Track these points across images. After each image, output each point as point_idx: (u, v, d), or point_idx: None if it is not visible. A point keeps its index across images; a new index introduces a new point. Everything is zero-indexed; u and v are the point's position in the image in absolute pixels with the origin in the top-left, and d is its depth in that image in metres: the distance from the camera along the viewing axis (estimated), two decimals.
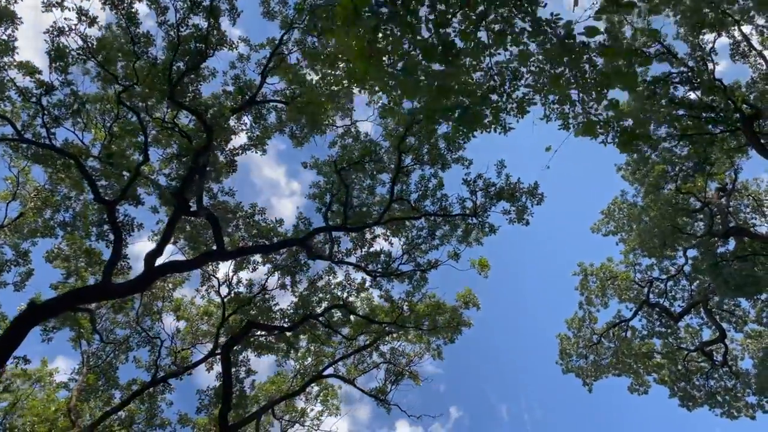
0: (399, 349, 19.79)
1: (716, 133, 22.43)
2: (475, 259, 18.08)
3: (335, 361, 19.65)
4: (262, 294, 17.22)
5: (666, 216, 19.52)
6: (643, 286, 24.11)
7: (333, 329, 17.65)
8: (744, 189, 26.61)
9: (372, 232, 17.29)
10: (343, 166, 15.56)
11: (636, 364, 23.26)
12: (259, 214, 16.39)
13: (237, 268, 17.29)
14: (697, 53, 21.07)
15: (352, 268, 17.51)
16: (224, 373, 14.70)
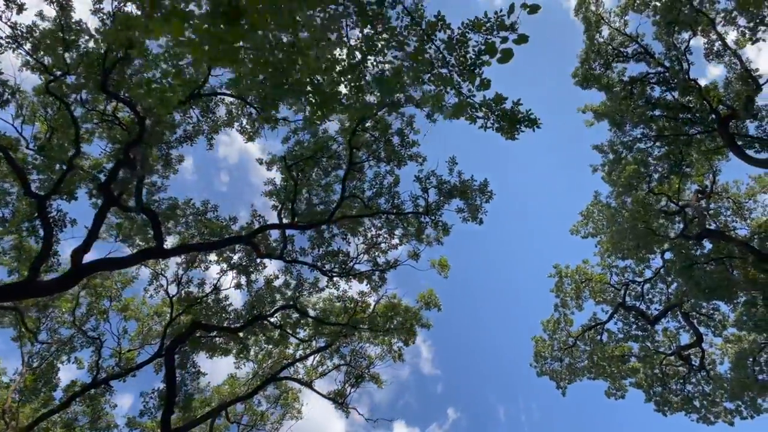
0: (360, 351, 19.37)
1: (692, 134, 22.13)
2: (435, 259, 17.80)
3: (290, 363, 19.19)
4: (215, 293, 16.81)
5: (638, 218, 19.16)
6: (619, 289, 23.76)
7: (285, 330, 17.22)
8: (724, 191, 26.30)
9: (330, 231, 16.91)
10: (294, 162, 15.16)
11: (610, 368, 22.90)
12: (211, 211, 15.99)
13: (188, 267, 16.89)
14: (672, 53, 20.77)
15: (308, 267, 17.12)
16: (167, 374, 14.27)
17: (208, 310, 16.57)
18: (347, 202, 15.86)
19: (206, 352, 17.06)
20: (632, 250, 20.78)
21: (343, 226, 16.32)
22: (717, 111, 20.72)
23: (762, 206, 25.55)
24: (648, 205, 20.05)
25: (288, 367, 19.01)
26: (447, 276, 17.64)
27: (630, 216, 19.19)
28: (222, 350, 17.10)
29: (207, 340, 16.74)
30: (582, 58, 22.97)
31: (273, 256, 15.96)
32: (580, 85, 22.98)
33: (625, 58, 23.56)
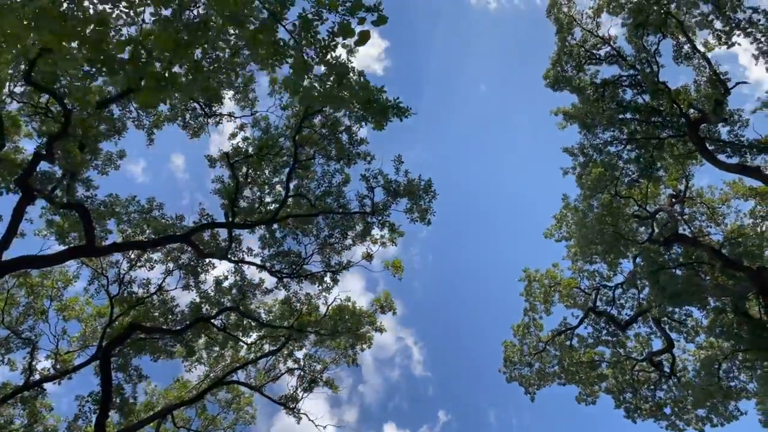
0: (314, 356, 18.98)
1: (663, 138, 21.90)
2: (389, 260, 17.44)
3: (239, 367, 18.72)
4: (159, 294, 16.36)
5: (604, 222, 18.89)
6: (590, 293, 23.49)
7: (228, 333, 16.79)
8: (699, 196, 26.10)
9: (282, 231, 16.54)
10: (238, 159, 14.79)
11: (579, 374, 22.59)
12: (157, 209, 15.57)
13: (130, 266, 16.44)
14: (642, 55, 20.55)
15: (256, 268, 16.74)
16: (102, 377, 13.82)
17: (153, 311, 16.13)
18: (294, 201, 15.50)
19: (151, 355, 16.60)
20: (601, 254, 20.51)
21: (289, 225, 15.97)
22: (687, 115, 20.50)
23: (735, 212, 25.40)
24: (615, 209, 19.80)
25: (236, 370, 18.57)
26: (401, 278, 17.37)
27: (596, 220, 18.91)
28: (167, 353, 16.65)
29: (151, 342, 16.31)
30: (553, 60, 22.73)
31: (215, 255, 15.57)
32: (551, 87, 22.74)
33: (597, 61, 23.34)
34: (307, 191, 15.65)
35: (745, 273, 19.55)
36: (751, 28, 21.64)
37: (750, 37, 22.02)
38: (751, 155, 21.61)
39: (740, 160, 21.15)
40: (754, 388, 19.84)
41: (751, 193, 24.36)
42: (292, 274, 16.60)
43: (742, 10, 20.82)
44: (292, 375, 18.79)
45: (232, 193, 14.48)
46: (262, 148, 14.58)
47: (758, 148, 21.32)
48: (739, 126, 21.66)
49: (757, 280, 19.02)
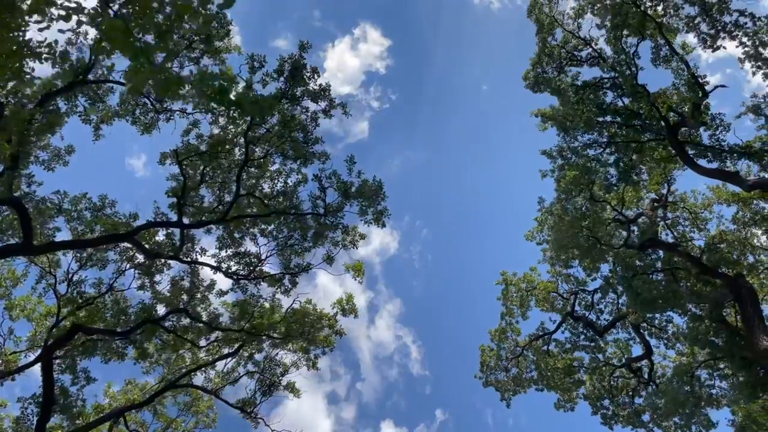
0: (275, 359, 18.61)
1: (643, 142, 21.59)
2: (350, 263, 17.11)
3: (194, 370, 18.35)
4: (111, 294, 16.00)
5: (576, 225, 18.57)
6: (567, 298, 23.18)
7: (177, 335, 16.45)
8: (682, 201, 25.78)
9: (241, 231, 16.19)
10: (187, 156, 14.44)
11: (554, 379, 22.28)
12: (109, 207, 15.20)
13: (81, 265, 16.08)
14: (621, 57, 20.22)
15: (211, 269, 16.36)
16: (44, 379, 13.50)
17: (105, 311, 15.77)
18: (245, 200, 15.16)
19: (102, 357, 16.24)
20: (578, 258, 20.21)
21: (245, 225, 15.63)
22: (666, 118, 20.18)
23: (717, 217, 25.08)
24: (592, 213, 19.48)
25: (190, 373, 18.20)
26: (362, 282, 17.06)
27: (569, 224, 18.60)
28: (118, 355, 16.29)
29: (104, 344, 15.95)
30: (533, 61, 22.43)
31: (164, 255, 15.24)
32: (530, 89, 22.44)
33: (579, 62, 23.02)
34: (260, 191, 15.31)
35: (722, 280, 19.26)
36: (737, 31, 21.35)
37: (736, 41, 21.73)
38: (731, 160, 21.31)
39: (720, 165, 20.84)
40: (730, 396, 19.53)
41: (734, 199, 24.05)
42: (248, 276, 16.27)
43: (728, 13, 20.53)
44: (251, 378, 18.49)
45: (178, 192, 14.12)
46: (214, 145, 14.26)
47: (739, 153, 21.02)
48: (721, 130, 21.34)
49: (733, 288, 18.72)
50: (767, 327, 17.71)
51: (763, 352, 16.52)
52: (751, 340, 17.26)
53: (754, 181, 19.48)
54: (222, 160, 14.67)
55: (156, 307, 15.79)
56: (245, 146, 14.03)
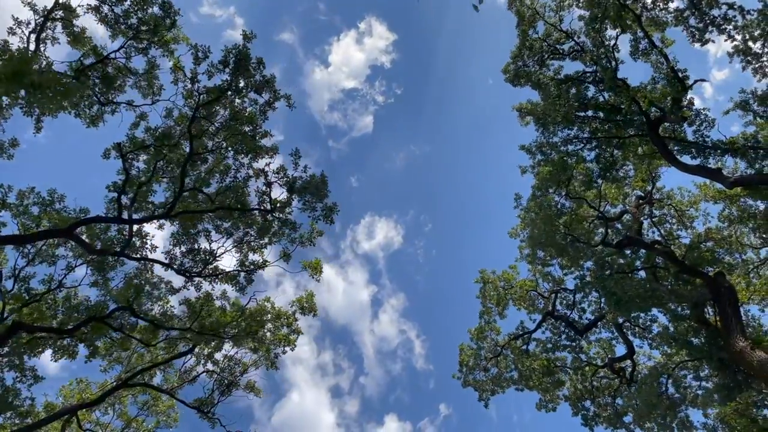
0: (235, 358, 18.29)
1: (624, 137, 21.09)
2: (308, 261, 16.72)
3: (146, 369, 18.00)
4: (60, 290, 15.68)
5: (551, 223, 18.12)
6: (547, 297, 22.75)
7: (125, 333, 16.11)
8: (668, 198, 25.26)
9: (195, 227, 15.85)
10: (132, 150, 14.06)
11: (533, 380, 21.86)
12: (59, 201, 14.86)
13: (29, 261, 15.74)
14: (601, 50, 19.72)
15: (162, 266, 16.00)
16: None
17: (55, 308, 15.45)
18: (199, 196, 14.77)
19: (53, 354, 15.95)
20: (555, 256, 19.77)
21: (185, 221, 15.27)
22: (647, 113, 19.68)
23: (704, 214, 24.55)
24: (568, 211, 19.02)
25: (143, 372, 17.85)
26: (319, 280, 16.63)
27: (544, 221, 18.16)
28: (68, 353, 16.00)
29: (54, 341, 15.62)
30: (514, 54, 21.94)
31: (108, 252, 14.87)
32: (510, 82, 21.97)
33: (561, 56, 22.50)
34: (207, 185, 14.91)
35: (702, 279, 18.80)
36: (726, 25, 20.80)
37: (724, 34, 21.18)
38: (715, 157, 20.80)
39: (702, 162, 20.34)
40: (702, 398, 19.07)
41: (721, 196, 23.52)
42: (200, 273, 15.90)
43: (717, 6, 20.01)
44: (211, 377, 18.17)
45: (119, 187, 13.76)
46: (158, 139, 13.87)
47: (722, 150, 20.51)
48: (706, 126, 20.83)
49: (713, 287, 18.26)
50: (744, 327, 17.27)
51: (739, 354, 16.08)
52: (727, 340, 16.82)
53: (735, 178, 18.98)
54: (171, 155, 14.33)
55: (108, 305, 15.51)
56: (189, 140, 13.64)
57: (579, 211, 19.79)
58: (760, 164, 20.75)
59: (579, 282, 20.43)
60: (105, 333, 15.61)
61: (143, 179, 14.34)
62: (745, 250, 24.81)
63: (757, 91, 21.26)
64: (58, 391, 19.00)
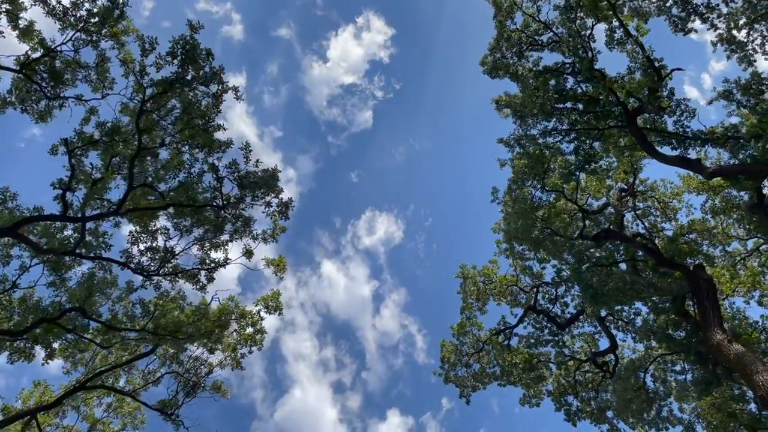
0: (201, 358, 18.03)
1: (603, 129, 20.77)
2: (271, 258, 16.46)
3: (106, 370, 17.70)
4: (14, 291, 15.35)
5: (526, 216, 17.84)
6: (528, 292, 22.49)
7: (78, 334, 15.80)
8: (651, 190, 24.98)
9: (154, 225, 15.55)
10: (80, 145, 13.72)
11: (514, 375, 21.63)
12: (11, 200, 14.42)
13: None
14: (577, 40, 19.38)
15: (118, 265, 15.67)
16: None
17: (10, 309, 15.12)
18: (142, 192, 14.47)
19: (9, 356, 15.66)
20: (531, 250, 19.50)
21: (137, 218, 14.96)
22: (624, 104, 19.37)
23: (687, 206, 24.28)
24: (545, 204, 18.74)
25: (103, 373, 17.56)
26: (282, 278, 16.37)
27: (519, 215, 17.87)
28: (25, 354, 15.73)
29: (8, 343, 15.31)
30: (491, 46, 21.60)
31: (57, 251, 14.53)
32: (488, 74, 21.63)
33: (540, 47, 22.17)
34: (164, 182, 14.60)
35: (681, 272, 18.55)
36: (709, 14, 20.48)
37: (707, 23, 20.85)
38: (694, 147, 20.49)
39: (682, 153, 20.03)
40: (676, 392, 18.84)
41: (703, 187, 23.24)
42: (158, 272, 15.59)
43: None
44: (176, 379, 17.90)
45: (64, 184, 13.43)
46: (108, 134, 13.53)
47: (702, 140, 20.20)
48: (686, 116, 20.50)
49: (692, 280, 18.01)
50: (723, 320, 17.02)
51: (716, 347, 15.85)
52: (705, 333, 16.59)
53: (713, 168, 18.70)
54: (122, 150, 14.01)
55: (63, 306, 15.22)
56: (137, 132, 13.30)
57: (558, 205, 19.50)
58: (744, 154, 20.47)
59: (555, 276, 20.17)
60: (60, 335, 15.36)
61: (97, 176, 14.04)
62: (730, 241, 24.57)
63: (740, 80, 20.97)
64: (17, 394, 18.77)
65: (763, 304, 23.63)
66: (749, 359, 14.83)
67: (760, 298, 23.56)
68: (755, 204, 19.88)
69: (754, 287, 23.48)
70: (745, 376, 14.69)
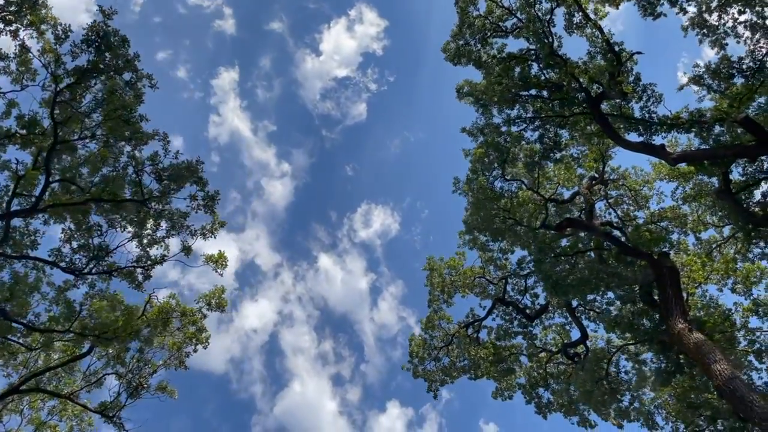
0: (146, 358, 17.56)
1: (567, 116, 20.34)
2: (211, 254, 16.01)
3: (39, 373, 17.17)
4: None
5: (485, 206, 17.44)
6: (496, 283, 22.12)
7: (4, 337, 15.33)
8: (623, 178, 24.59)
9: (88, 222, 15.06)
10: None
11: (482, 368, 21.30)
12: None
13: None
14: (537, 25, 18.89)
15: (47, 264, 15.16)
16: None
17: None
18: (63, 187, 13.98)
19: None
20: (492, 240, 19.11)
21: (54, 214, 14.46)
22: (587, 90, 18.95)
23: (657, 194, 23.93)
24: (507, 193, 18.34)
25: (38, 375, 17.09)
26: (222, 274, 15.93)
27: (478, 204, 17.47)
28: None
29: None
30: (454, 32, 21.10)
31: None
32: (450, 61, 21.15)
33: (504, 33, 21.68)
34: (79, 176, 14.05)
35: (645, 260, 18.20)
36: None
37: (676, 7, 20.41)
38: (659, 133, 20.10)
39: (646, 139, 19.63)
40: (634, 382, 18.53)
41: (674, 174, 22.87)
42: (91, 271, 15.08)
43: None
44: (121, 380, 17.44)
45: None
46: (26, 126, 13.04)
47: (668, 125, 19.80)
48: (653, 102, 20.09)
49: (656, 268, 17.67)
50: (686, 309, 16.70)
51: (677, 336, 15.53)
52: (667, 322, 16.26)
53: (678, 154, 18.33)
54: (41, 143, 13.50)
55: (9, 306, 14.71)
56: (53, 124, 12.78)
57: (523, 194, 19.10)
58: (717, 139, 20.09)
59: (516, 266, 19.81)
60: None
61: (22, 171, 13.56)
62: (707, 228, 24.24)
63: (711, 65, 20.58)
64: None
65: (736, 291, 23.36)
66: (708, 348, 14.52)
67: (734, 285, 23.28)
68: (722, 190, 19.50)
69: (728, 275, 23.20)
70: (704, 366, 14.39)
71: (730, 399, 13.35)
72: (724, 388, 13.50)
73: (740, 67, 20.22)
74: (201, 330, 17.09)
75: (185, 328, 17.14)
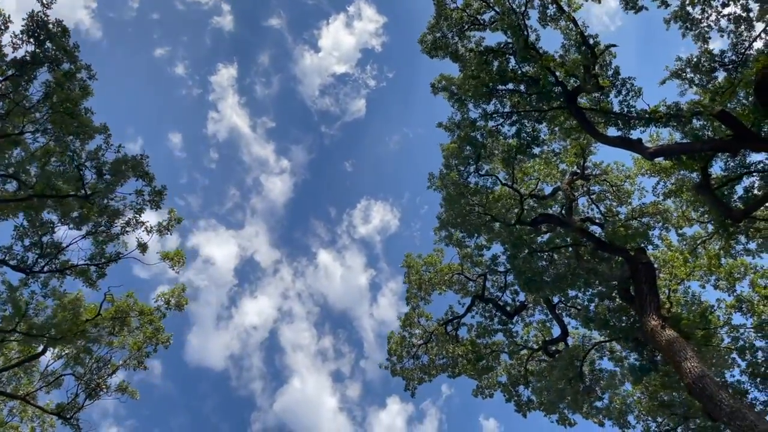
0: (105, 358, 17.25)
1: (545, 110, 20.04)
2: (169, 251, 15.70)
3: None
4: None
5: (455, 202, 17.15)
6: (475, 280, 21.84)
7: None
8: (605, 173, 24.31)
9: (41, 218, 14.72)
10: None
11: (460, 366, 21.04)
12: None
13: None
14: (512, 17, 18.56)
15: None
16: None
17: None
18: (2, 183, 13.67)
19: None
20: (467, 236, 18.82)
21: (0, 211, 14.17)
22: (563, 84, 18.64)
23: (639, 189, 23.65)
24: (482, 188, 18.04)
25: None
26: (178, 272, 15.62)
27: (447, 201, 17.17)
28: None
29: None
30: (431, 24, 20.75)
31: None
32: (427, 54, 20.78)
33: (482, 26, 21.35)
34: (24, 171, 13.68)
35: (621, 256, 17.94)
36: None
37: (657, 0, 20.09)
38: (637, 127, 19.81)
39: (624, 133, 19.35)
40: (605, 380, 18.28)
41: (655, 169, 22.59)
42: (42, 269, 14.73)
43: None
44: (80, 381, 17.13)
45: None
46: None
47: (646, 120, 19.51)
48: (632, 96, 19.79)
49: (632, 264, 17.41)
50: (660, 305, 16.44)
51: (650, 333, 15.28)
52: (641, 319, 16.02)
53: (655, 148, 18.02)
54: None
55: None
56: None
57: (498, 190, 18.81)
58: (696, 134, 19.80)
59: (491, 262, 19.54)
60: None
61: None
62: (692, 224, 23.96)
63: (692, 58, 20.29)
64: None
65: (719, 287, 23.13)
66: (679, 346, 14.27)
67: (717, 281, 23.04)
68: (701, 185, 19.22)
69: (711, 271, 22.94)
70: (675, 363, 14.16)
71: (700, 397, 13.10)
72: (693, 387, 13.27)
73: (722, 61, 19.99)
74: (159, 329, 16.78)
75: (144, 327, 16.86)
